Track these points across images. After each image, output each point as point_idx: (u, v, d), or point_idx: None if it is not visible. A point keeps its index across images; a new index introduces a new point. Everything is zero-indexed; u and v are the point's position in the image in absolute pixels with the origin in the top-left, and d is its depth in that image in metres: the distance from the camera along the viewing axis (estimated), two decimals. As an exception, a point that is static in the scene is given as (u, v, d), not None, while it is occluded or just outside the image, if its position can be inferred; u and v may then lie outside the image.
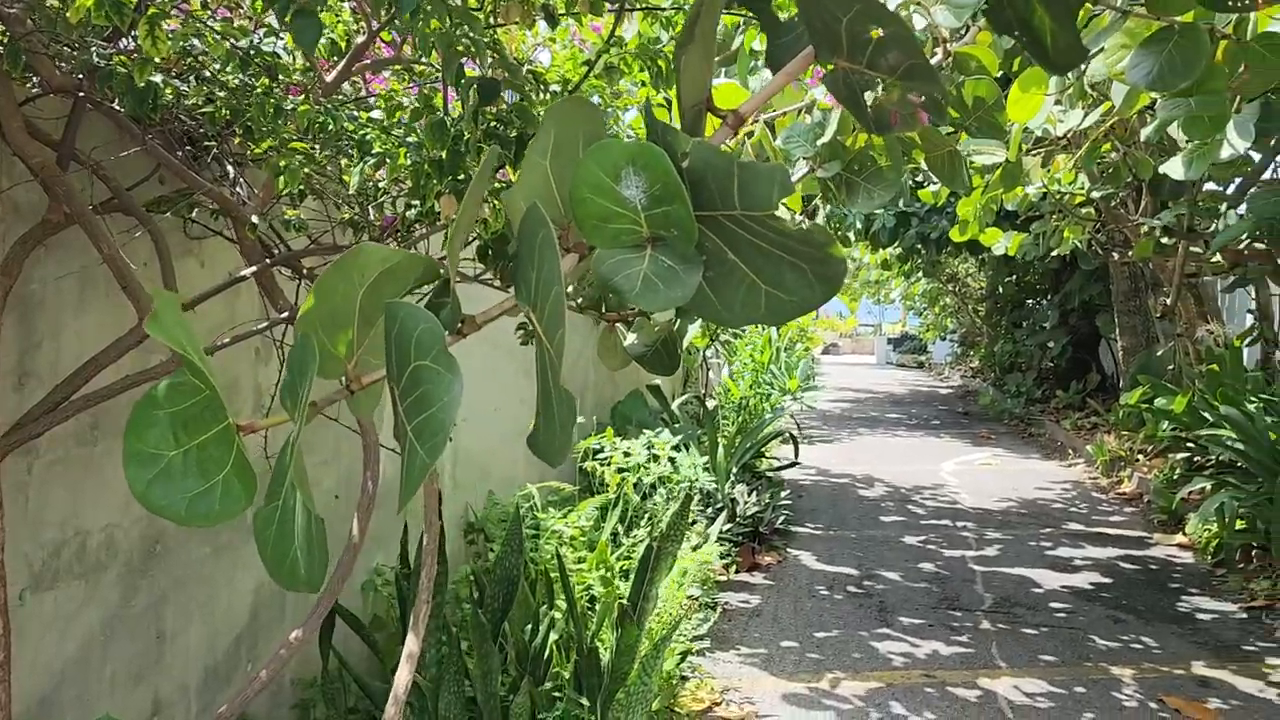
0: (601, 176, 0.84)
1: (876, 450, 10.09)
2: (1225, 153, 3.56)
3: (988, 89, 3.07)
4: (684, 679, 3.96)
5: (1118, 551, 6.24)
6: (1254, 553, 5.70)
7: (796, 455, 7.75)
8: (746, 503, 6.06)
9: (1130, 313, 10.09)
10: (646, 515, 4.62)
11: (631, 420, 6.63)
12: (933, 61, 3.05)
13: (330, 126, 2.00)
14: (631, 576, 3.06)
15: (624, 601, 2.91)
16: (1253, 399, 6.29)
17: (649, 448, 4.67)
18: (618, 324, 2.51)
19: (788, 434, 7.77)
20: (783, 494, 6.69)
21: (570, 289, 2.43)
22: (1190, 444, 7.30)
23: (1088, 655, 4.45)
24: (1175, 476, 7.48)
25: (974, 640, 4.61)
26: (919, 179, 9.81)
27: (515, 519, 2.99)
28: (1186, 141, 3.70)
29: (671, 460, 4.83)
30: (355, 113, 2.02)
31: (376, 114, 2.06)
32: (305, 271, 2.42)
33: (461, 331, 0.98)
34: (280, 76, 2.09)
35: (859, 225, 12.57)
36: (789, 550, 6.07)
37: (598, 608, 3.46)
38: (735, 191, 0.86)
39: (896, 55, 0.88)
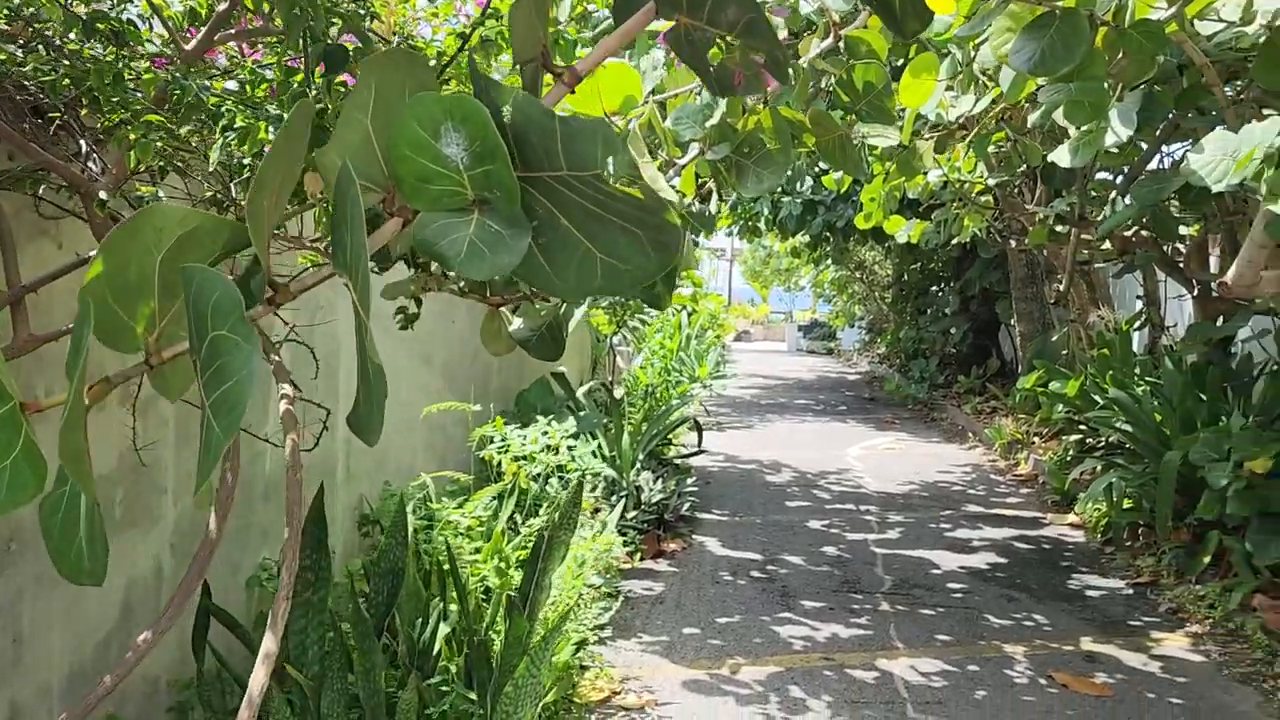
0: (420, 132, 0.78)
1: (785, 436, 10.19)
2: (1109, 140, 3.65)
3: (877, 74, 3.07)
4: (584, 668, 3.91)
5: (1013, 532, 6.40)
6: (1140, 531, 5.90)
7: (700, 442, 7.76)
8: (651, 490, 6.03)
9: (1027, 299, 10.37)
10: (546, 503, 4.56)
11: (537, 408, 6.55)
12: (824, 45, 3.03)
13: (187, 98, 1.88)
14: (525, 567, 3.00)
15: (512, 594, 2.84)
16: (1140, 382, 6.50)
17: (545, 435, 4.60)
18: (502, 309, 2.44)
19: (693, 421, 7.77)
20: (690, 481, 6.69)
21: (452, 271, 2.35)
22: (1082, 426, 7.53)
23: (982, 634, 4.54)
24: (1068, 458, 7.71)
25: (873, 622, 4.67)
26: (825, 167, 9.91)
27: (399, 510, 2.89)
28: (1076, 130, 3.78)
29: (570, 449, 4.77)
30: (208, 84, 1.90)
31: (232, 85, 1.95)
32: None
33: (274, 301, 0.90)
34: (133, 45, 1.97)
35: (768, 213, 12.68)
36: (695, 537, 6.07)
37: (492, 599, 3.39)
38: (560, 149, 0.80)
39: (735, 10, 0.83)
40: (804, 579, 5.29)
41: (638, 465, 6.55)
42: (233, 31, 2.16)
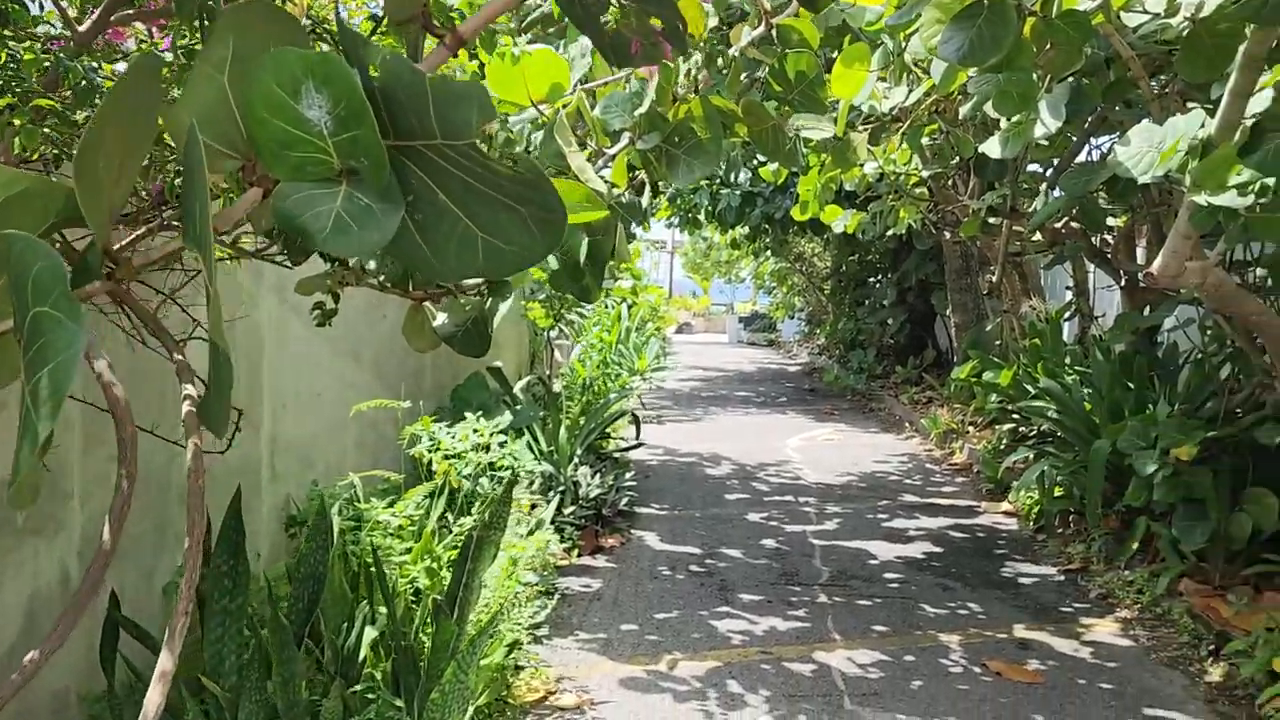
0: (278, 93, 0.70)
1: (725, 428, 10.20)
2: (1039, 131, 3.67)
3: (809, 63, 3.03)
4: (519, 668, 3.84)
5: (948, 521, 6.46)
6: (1071, 518, 6.00)
7: (638, 436, 7.72)
8: (589, 485, 5.98)
9: (962, 290, 10.50)
10: (479, 501, 4.47)
11: (472, 404, 6.44)
12: (756, 33, 2.98)
13: (79, 81, 1.77)
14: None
15: (438, 597, 2.77)
16: (1070, 371, 6.60)
17: (475, 433, 4.51)
18: (426, 303, 2.36)
19: (631, 415, 7.73)
20: (628, 475, 6.64)
21: (372, 264, 2.26)
22: (1015, 415, 7.63)
23: (918, 623, 4.57)
24: (1001, 446, 7.82)
25: (811, 614, 4.67)
26: (762, 159, 9.91)
27: (320, 511, 2.80)
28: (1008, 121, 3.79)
29: (500, 445, 4.69)
30: (95, 66, 1.79)
31: (122, 67, 1.84)
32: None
33: (115, 277, 0.82)
34: (21, 26, 1.85)
35: (707, 205, 12.68)
36: (633, 532, 6.03)
37: (422, 601, 3.30)
38: (432, 115, 0.73)
39: (630, -23, 0.77)
40: (743, 572, 5.28)
41: (575, 460, 6.49)
42: (130, 12, 2.05)
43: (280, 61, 0.69)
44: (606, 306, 13.07)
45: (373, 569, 3.11)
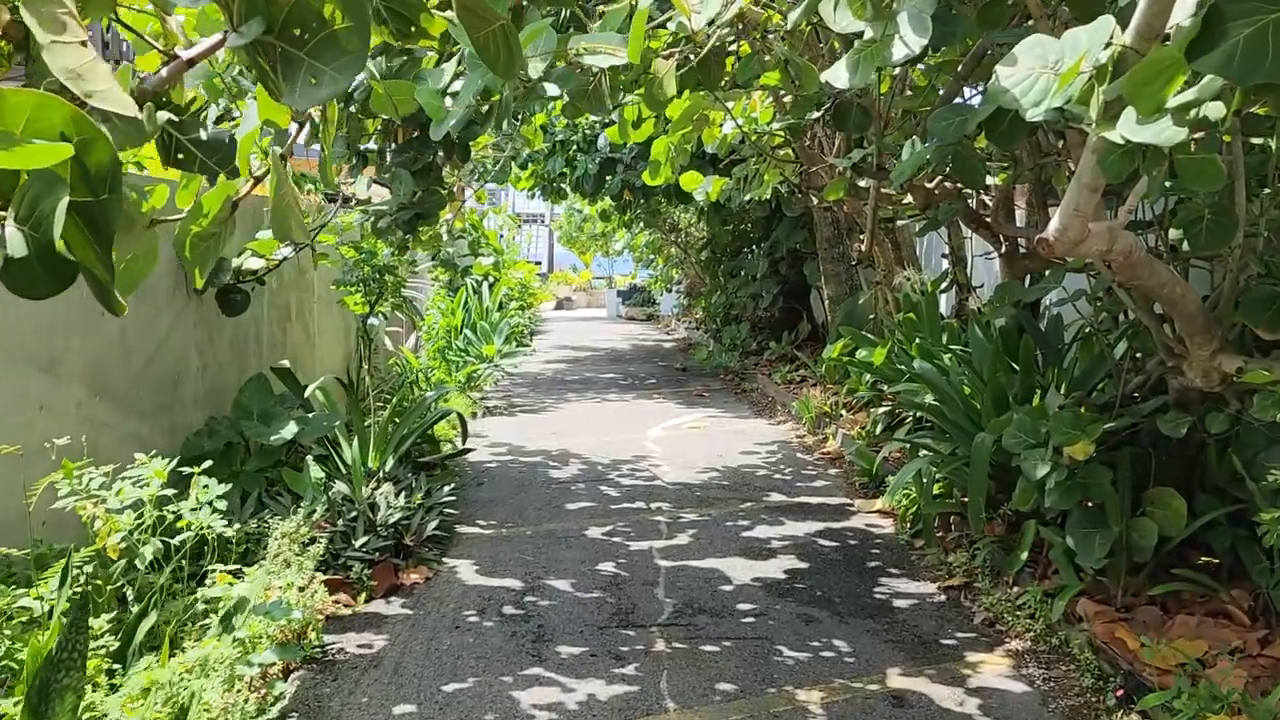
0: None
1: (582, 418, 9.25)
2: (898, 53, 2.77)
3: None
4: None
5: (817, 526, 5.66)
6: (952, 520, 5.25)
7: (464, 440, 6.69)
8: (390, 508, 4.94)
9: (834, 260, 9.77)
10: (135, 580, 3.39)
11: (254, 413, 5.32)
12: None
13: None
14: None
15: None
16: (947, 350, 5.86)
17: (140, 484, 3.40)
18: None
19: (456, 415, 6.70)
20: (448, 489, 5.61)
21: None
22: (891, 398, 6.90)
23: (772, 677, 3.70)
24: (877, 432, 7.08)
25: (643, 671, 3.76)
26: (614, 119, 8.87)
27: None
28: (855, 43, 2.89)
29: (179, 495, 3.61)
30: None
31: None
32: None
33: None
34: None
35: (564, 170, 11.63)
36: (446, 560, 5.02)
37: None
38: None
39: None
40: (567, 613, 4.34)
41: (381, 476, 5.44)
42: None
43: None
44: (465, 286, 11.93)
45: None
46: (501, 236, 22.70)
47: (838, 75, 2.64)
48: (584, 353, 14.99)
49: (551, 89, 2.98)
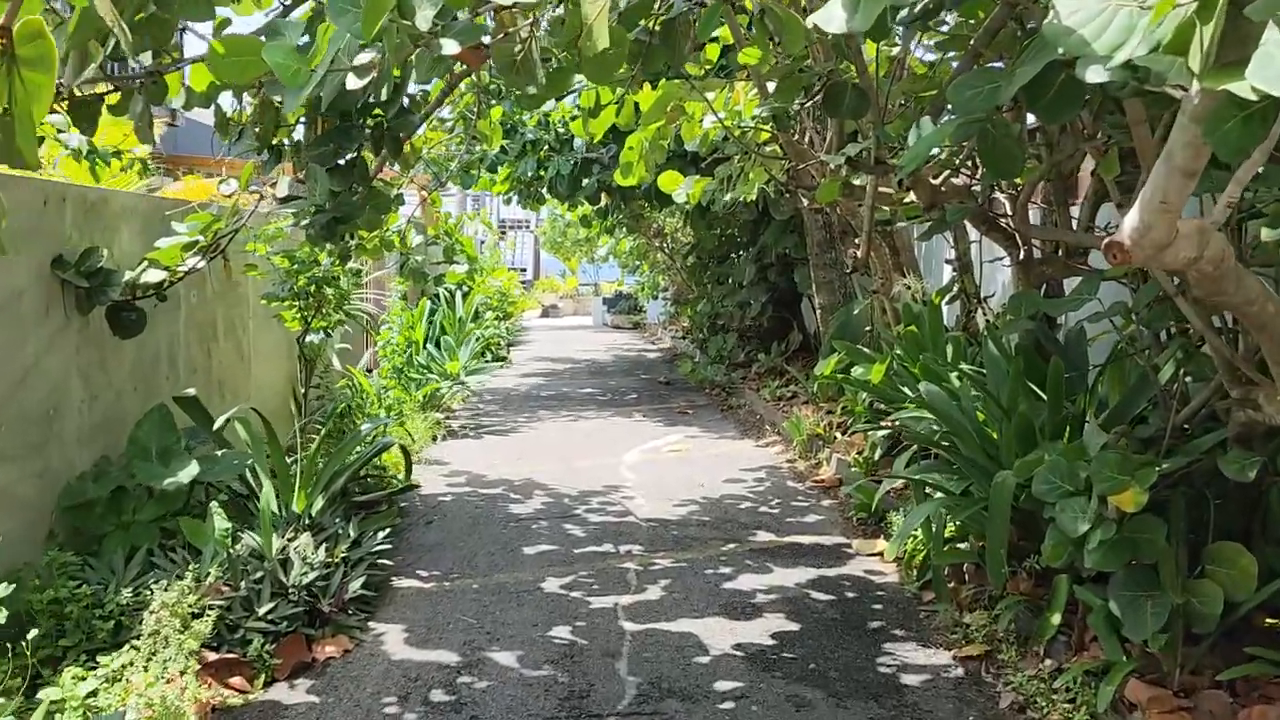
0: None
1: (554, 440, 8.49)
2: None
3: None
4: None
5: (810, 573, 4.91)
6: (966, 570, 4.51)
7: (409, 474, 5.94)
8: (306, 564, 4.18)
9: (826, 266, 9.03)
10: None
11: (151, 452, 4.55)
12: None
13: None
14: None
15: None
16: (956, 369, 5.13)
17: None
18: None
19: (399, 446, 5.94)
20: (383, 534, 4.85)
21: None
22: (892, 421, 6.16)
23: (754, 792, 2.96)
24: (876, 459, 6.35)
25: (593, 784, 3.01)
26: (575, 115, 8.04)
27: None
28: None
29: None
30: None
31: None
32: None
33: None
34: None
35: (539, 173, 10.88)
36: (371, 626, 4.26)
37: None
38: None
39: None
40: (508, 699, 3.58)
41: (304, 521, 4.69)
42: None
43: None
44: (437, 296, 11.17)
45: None
46: (482, 243, 21.93)
47: (832, 17, 1.90)
48: (562, 365, 14.23)
49: (449, 45, 2.24)
